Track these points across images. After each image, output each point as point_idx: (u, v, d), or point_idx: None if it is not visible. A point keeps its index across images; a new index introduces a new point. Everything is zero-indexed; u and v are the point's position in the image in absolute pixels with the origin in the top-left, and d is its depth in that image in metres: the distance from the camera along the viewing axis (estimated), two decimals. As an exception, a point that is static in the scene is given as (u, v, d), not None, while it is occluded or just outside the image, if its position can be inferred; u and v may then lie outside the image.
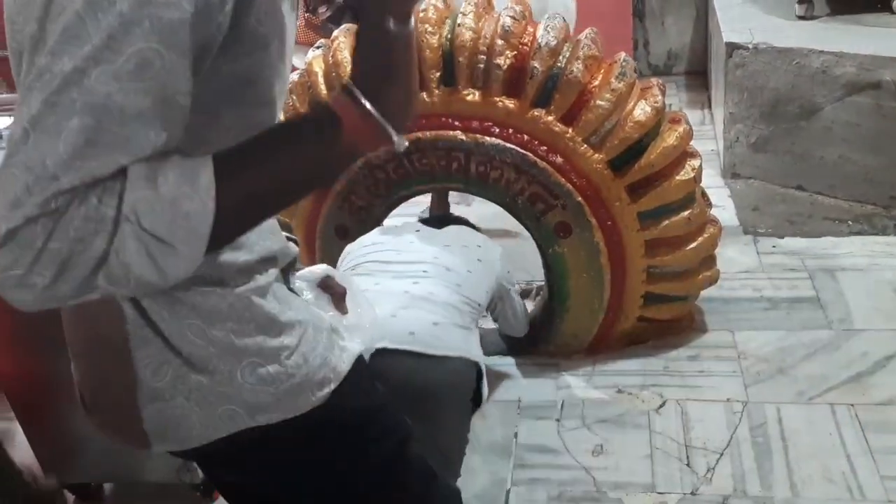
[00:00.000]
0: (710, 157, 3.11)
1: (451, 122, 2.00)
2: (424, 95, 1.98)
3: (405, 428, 1.00)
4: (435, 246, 1.83)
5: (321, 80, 2.06)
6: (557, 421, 2.00)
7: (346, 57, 2.01)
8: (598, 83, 1.91)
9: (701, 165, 2.01)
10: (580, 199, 1.96)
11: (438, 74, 1.97)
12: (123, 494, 2.01)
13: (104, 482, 1.99)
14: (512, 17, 1.93)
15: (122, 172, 0.61)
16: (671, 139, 1.94)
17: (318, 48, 2.14)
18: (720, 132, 3.21)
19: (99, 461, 1.82)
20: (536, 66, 1.89)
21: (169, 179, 0.62)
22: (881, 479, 1.70)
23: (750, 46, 2.86)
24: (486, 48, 1.92)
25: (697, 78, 4.18)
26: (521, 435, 1.98)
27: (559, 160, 1.95)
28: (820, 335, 2.17)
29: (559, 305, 2.14)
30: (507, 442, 1.95)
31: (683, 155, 1.99)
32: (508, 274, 1.97)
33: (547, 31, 1.90)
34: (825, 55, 2.69)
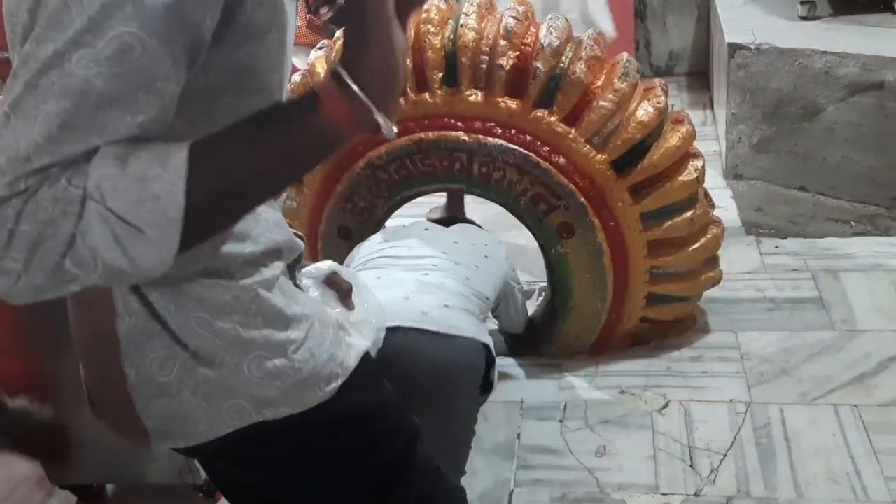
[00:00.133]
0: (712, 157, 3.10)
1: (453, 122, 1.99)
2: (427, 96, 1.98)
3: (413, 427, 1.00)
4: (444, 242, 1.85)
5: (324, 80, 2.06)
6: (560, 422, 2.00)
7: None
8: (600, 84, 1.91)
9: (704, 166, 2.01)
10: (583, 199, 1.96)
11: (441, 75, 1.97)
12: (125, 496, 2.00)
13: (106, 483, 1.99)
14: (514, 17, 1.92)
15: (94, 153, 0.60)
16: (674, 140, 1.94)
17: (320, 49, 2.14)
18: (722, 133, 3.21)
19: (100, 462, 1.82)
20: (539, 66, 1.88)
21: (140, 159, 0.61)
22: (885, 479, 1.70)
23: (752, 47, 2.86)
24: (488, 49, 1.92)
25: (699, 79, 4.17)
26: (523, 436, 1.97)
27: (562, 161, 1.95)
28: (823, 336, 2.17)
29: (562, 306, 2.14)
30: (509, 443, 1.95)
31: (686, 155, 1.98)
32: (514, 272, 1.99)
33: (549, 31, 1.90)
34: (828, 56, 2.68)
